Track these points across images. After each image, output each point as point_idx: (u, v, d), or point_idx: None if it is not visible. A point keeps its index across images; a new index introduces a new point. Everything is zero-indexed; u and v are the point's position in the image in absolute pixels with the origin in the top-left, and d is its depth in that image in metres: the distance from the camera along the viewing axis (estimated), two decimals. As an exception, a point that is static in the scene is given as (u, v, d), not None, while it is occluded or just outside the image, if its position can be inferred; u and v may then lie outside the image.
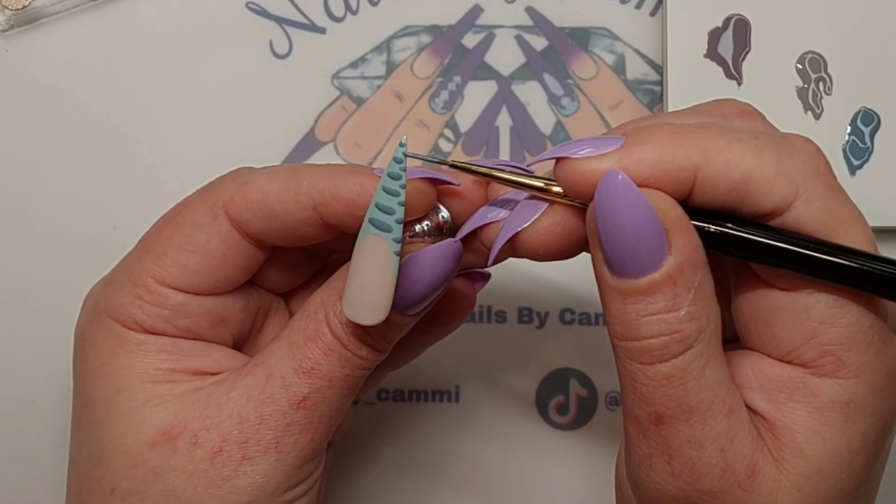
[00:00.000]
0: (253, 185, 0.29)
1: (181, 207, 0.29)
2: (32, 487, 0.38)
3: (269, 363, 0.28)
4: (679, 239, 0.24)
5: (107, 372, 0.28)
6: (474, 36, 0.40)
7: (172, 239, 0.29)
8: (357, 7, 0.40)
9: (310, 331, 0.28)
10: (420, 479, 0.38)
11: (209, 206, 0.29)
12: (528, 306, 0.39)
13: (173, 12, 0.39)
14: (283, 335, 0.29)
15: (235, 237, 0.29)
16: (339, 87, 0.39)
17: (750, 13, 0.38)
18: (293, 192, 0.28)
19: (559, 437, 0.38)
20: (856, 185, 0.37)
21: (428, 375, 0.39)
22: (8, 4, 0.39)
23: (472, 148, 0.39)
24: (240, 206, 0.28)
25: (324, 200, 0.28)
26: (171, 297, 0.28)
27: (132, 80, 0.39)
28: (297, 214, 0.28)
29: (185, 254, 0.28)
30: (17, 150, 0.39)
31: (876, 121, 0.38)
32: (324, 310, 0.28)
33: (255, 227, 0.29)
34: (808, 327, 0.25)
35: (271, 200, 0.28)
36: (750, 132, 0.26)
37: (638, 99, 0.39)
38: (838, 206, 0.26)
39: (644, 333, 0.24)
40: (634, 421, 0.26)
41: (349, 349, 0.28)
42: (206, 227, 0.29)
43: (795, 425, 0.25)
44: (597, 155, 0.25)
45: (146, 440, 0.27)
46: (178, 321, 0.29)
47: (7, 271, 0.39)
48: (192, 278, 0.29)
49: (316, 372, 0.28)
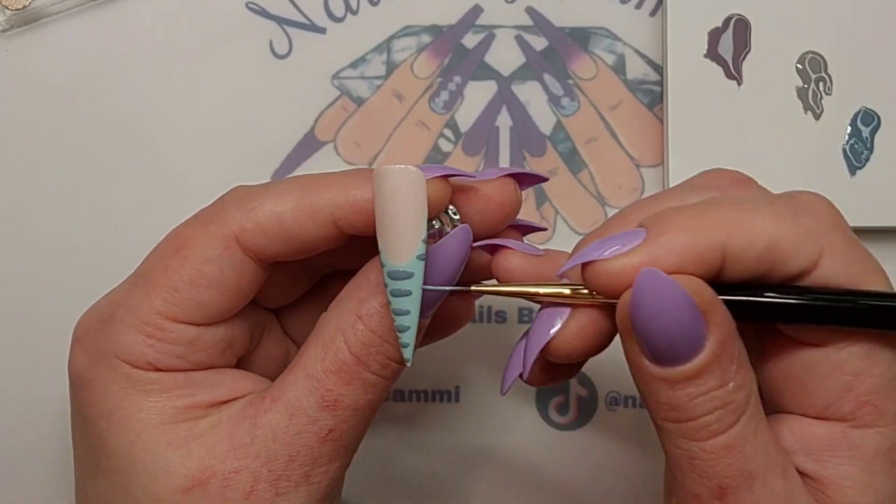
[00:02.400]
0: (262, 210, 0.27)
1: (185, 239, 0.28)
2: (31, 488, 0.38)
3: (289, 399, 0.27)
4: (716, 317, 0.24)
5: (122, 416, 0.27)
6: (474, 36, 0.40)
7: (182, 274, 0.28)
8: (357, 7, 0.40)
9: (328, 361, 0.27)
10: (420, 479, 0.38)
11: (218, 238, 0.28)
12: (528, 306, 0.39)
13: (173, 12, 0.39)
14: (297, 366, 0.28)
15: (249, 265, 0.28)
16: (339, 87, 0.39)
17: (750, 13, 0.38)
18: (309, 211, 0.27)
19: (559, 437, 0.38)
20: (856, 185, 0.37)
21: (428, 375, 0.39)
22: (8, 4, 0.39)
23: (472, 148, 0.39)
24: (253, 233, 0.27)
25: (344, 215, 0.27)
26: (184, 334, 0.28)
27: (132, 80, 0.39)
28: (316, 233, 0.28)
29: (199, 289, 0.28)
30: (17, 150, 0.39)
31: (876, 121, 0.38)
32: (342, 335, 0.27)
33: (271, 251, 0.28)
34: (843, 381, 0.25)
35: (287, 223, 0.27)
36: (762, 199, 0.26)
37: (638, 99, 0.39)
38: (860, 257, 0.26)
39: (699, 412, 0.25)
40: (695, 500, 0.25)
41: (373, 370, 0.28)
42: (218, 259, 0.28)
43: (845, 481, 0.26)
44: (625, 252, 0.25)
45: (176, 487, 0.27)
46: (191, 356, 0.28)
47: (7, 272, 0.39)
48: (207, 311, 0.28)
49: (340, 403, 0.27)
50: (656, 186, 0.39)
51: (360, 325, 0.27)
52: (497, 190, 0.29)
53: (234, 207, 0.28)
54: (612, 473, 0.38)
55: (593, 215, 0.39)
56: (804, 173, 0.37)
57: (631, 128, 0.39)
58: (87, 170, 0.39)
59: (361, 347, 0.27)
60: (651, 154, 0.39)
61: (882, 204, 0.37)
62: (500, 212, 0.29)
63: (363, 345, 0.27)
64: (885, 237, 0.38)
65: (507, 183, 0.29)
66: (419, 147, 0.39)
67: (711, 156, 0.37)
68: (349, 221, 0.27)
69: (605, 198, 0.39)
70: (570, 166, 0.39)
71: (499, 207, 0.29)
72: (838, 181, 0.37)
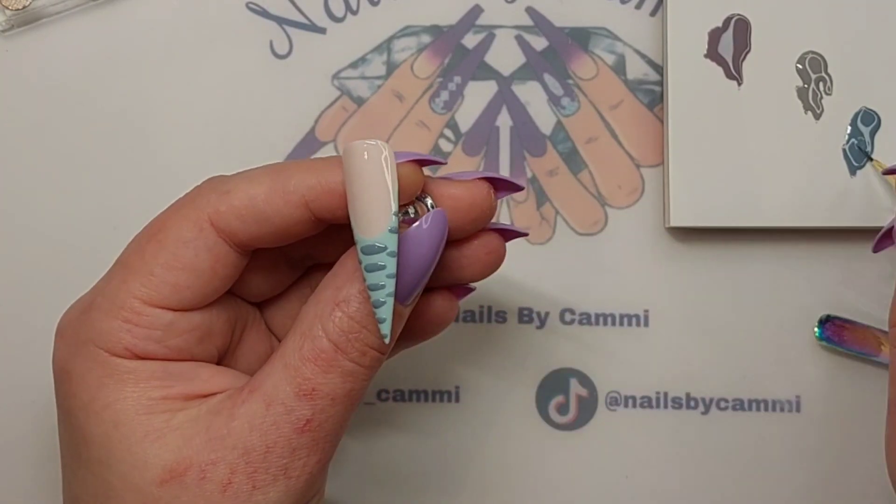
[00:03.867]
0: (237, 192, 0.28)
1: (161, 224, 0.28)
2: (31, 489, 0.38)
3: (266, 389, 0.27)
4: None
5: (99, 407, 0.27)
6: (474, 36, 0.40)
7: (157, 258, 0.28)
8: (357, 7, 0.40)
9: (306, 350, 0.27)
10: (420, 479, 0.38)
11: (193, 220, 0.28)
12: (528, 306, 0.39)
13: (173, 12, 0.39)
14: (276, 357, 0.28)
15: (223, 248, 0.28)
16: (340, 87, 0.39)
17: (750, 13, 0.38)
18: (281, 193, 0.28)
19: (559, 437, 0.38)
20: (856, 185, 0.37)
21: (428, 375, 0.39)
22: (8, 4, 0.39)
23: (473, 148, 0.39)
24: (227, 215, 0.28)
25: (315, 196, 0.27)
26: (161, 317, 0.28)
27: (132, 80, 0.39)
28: (289, 214, 0.28)
29: (174, 272, 0.28)
30: (17, 150, 0.39)
31: (876, 121, 0.38)
32: (320, 323, 0.27)
33: (245, 234, 0.28)
34: None
35: (259, 204, 0.28)
36: None
37: (638, 99, 0.39)
38: None
39: None
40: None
41: (351, 358, 0.28)
42: (193, 242, 0.28)
43: None
44: None
45: (153, 479, 0.27)
46: (169, 341, 0.28)
47: (7, 271, 0.39)
48: (182, 295, 0.28)
49: (318, 392, 0.27)
50: (656, 186, 0.39)
51: (338, 312, 0.27)
52: (469, 190, 0.29)
53: (208, 191, 0.28)
54: (612, 473, 0.38)
55: (593, 215, 0.39)
56: (804, 173, 0.37)
57: (631, 128, 0.39)
58: (86, 170, 0.39)
59: (339, 334, 0.27)
60: (651, 154, 0.39)
61: (882, 204, 0.37)
62: (470, 211, 0.29)
63: (341, 332, 0.27)
64: (885, 237, 0.38)
65: (481, 185, 0.29)
66: (419, 147, 0.39)
67: (711, 156, 0.37)
68: (321, 203, 0.27)
69: (605, 198, 0.39)
70: (570, 166, 0.39)
71: (469, 207, 0.29)
72: (838, 181, 0.37)
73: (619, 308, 0.39)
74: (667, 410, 0.38)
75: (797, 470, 0.38)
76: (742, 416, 0.38)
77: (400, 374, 0.38)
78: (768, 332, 0.38)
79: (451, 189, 0.29)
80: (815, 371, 0.38)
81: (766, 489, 0.38)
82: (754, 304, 0.38)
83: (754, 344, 0.38)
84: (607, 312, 0.39)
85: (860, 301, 0.38)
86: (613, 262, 0.39)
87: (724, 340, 0.38)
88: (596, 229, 0.39)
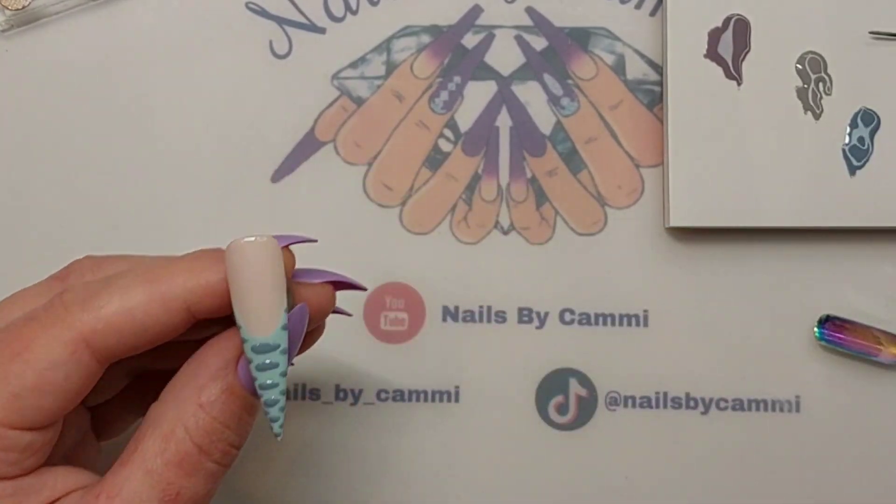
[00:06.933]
0: (111, 307, 0.26)
1: (26, 342, 0.26)
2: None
3: (127, 496, 0.26)
4: None
5: None
6: (474, 36, 0.40)
7: (24, 380, 0.26)
8: (357, 7, 0.40)
9: (169, 453, 0.26)
10: (420, 479, 0.38)
11: (64, 341, 0.26)
12: (528, 306, 0.39)
13: (173, 12, 0.40)
14: (133, 460, 0.27)
15: (94, 367, 0.27)
16: (339, 87, 0.39)
17: (750, 13, 0.38)
18: (160, 301, 0.26)
19: (559, 437, 0.38)
20: (856, 185, 0.37)
21: (428, 375, 0.39)
22: (8, 4, 0.39)
23: (472, 148, 0.39)
24: (104, 333, 0.26)
25: (197, 300, 0.26)
26: (20, 440, 0.26)
27: (132, 79, 0.39)
28: (170, 321, 0.27)
29: (41, 395, 0.26)
30: (17, 149, 0.39)
31: (876, 121, 0.38)
32: (182, 425, 0.27)
33: (122, 348, 0.27)
34: None
35: (138, 316, 0.26)
36: None
37: (638, 99, 0.39)
38: None
39: None
40: None
41: (214, 459, 0.27)
42: (64, 365, 0.26)
43: None
44: None
45: None
46: (25, 461, 0.26)
47: (7, 271, 0.39)
48: (45, 416, 0.26)
49: (182, 497, 0.26)
50: (656, 186, 0.39)
51: (202, 414, 0.27)
52: (316, 295, 0.29)
53: (78, 309, 0.26)
54: (612, 473, 0.38)
55: (593, 215, 0.39)
56: (804, 173, 0.37)
57: (631, 128, 0.39)
58: (86, 170, 0.39)
59: (204, 436, 0.27)
60: (651, 154, 0.39)
61: (882, 204, 0.37)
62: (317, 314, 0.29)
63: (205, 433, 0.27)
64: (885, 237, 0.38)
65: (326, 289, 0.29)
66: (419, 147, 0.39)
67: (711, 156, 0.37)
68: (203, 305, 0.27)
69: (605, 198, 0.39)
70: (570, 166, 0.39)
71: (317, 311, 0.29)
72: (838, 181, 0.37)
73: (618, 308, 0.39)
74: (667, 410, 0.38)
75: (797, 470, 0.38)
76: (742, 416, 0.38)
77: (400, 374, 0.39)
78: (768, 332, 0.38)
79: (304, 293, 0.28)
80: (815, 371, 0.38)
81: (766, 489, 0.38)
82: (754, 303, 0.38)
83: (754, 344, 0.38)
84: (607, 312, 0.39)
85: (860, 301, 0.38)
86: (613, 262, 0.39)
87: (723, 340, 0.38)
88: (596, 229, 0.39)
